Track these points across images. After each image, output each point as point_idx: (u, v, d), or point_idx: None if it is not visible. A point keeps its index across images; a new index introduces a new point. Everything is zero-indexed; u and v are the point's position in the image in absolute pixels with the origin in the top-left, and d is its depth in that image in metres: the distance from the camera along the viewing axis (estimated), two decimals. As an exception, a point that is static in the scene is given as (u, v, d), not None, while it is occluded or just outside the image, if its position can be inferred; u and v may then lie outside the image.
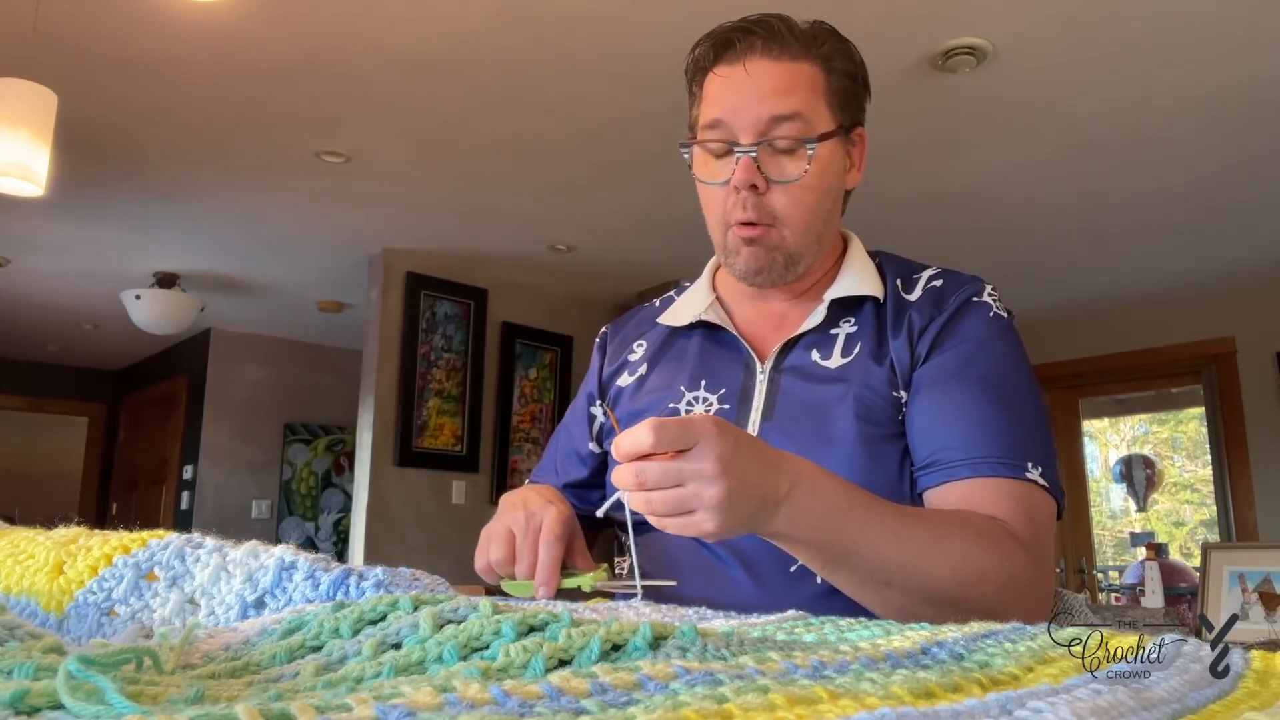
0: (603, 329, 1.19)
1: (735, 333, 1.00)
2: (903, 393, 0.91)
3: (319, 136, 3.11)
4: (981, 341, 0.91)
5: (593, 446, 1.10)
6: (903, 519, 0.77)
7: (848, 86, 0.95)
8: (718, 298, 1.05)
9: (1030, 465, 0.84)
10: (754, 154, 0.90)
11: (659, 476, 0.66)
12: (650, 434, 0.65)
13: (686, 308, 1.06)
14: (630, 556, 1.00)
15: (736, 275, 0.97)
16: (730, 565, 0.90)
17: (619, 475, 0.68)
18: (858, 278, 0.98)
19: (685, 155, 0.97)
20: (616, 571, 1.02)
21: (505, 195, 3.63)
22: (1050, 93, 2.72)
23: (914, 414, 0.90)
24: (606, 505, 0.91)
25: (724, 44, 0.93)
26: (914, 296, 0.96)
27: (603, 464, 1.10)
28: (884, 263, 1.01)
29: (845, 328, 0.96)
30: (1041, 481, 0.84)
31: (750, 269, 0.94)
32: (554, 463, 1.15)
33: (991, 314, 0.94)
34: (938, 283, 0.97)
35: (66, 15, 2.36)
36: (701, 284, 1.08)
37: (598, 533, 1.15)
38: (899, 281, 0.98)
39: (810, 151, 0.90)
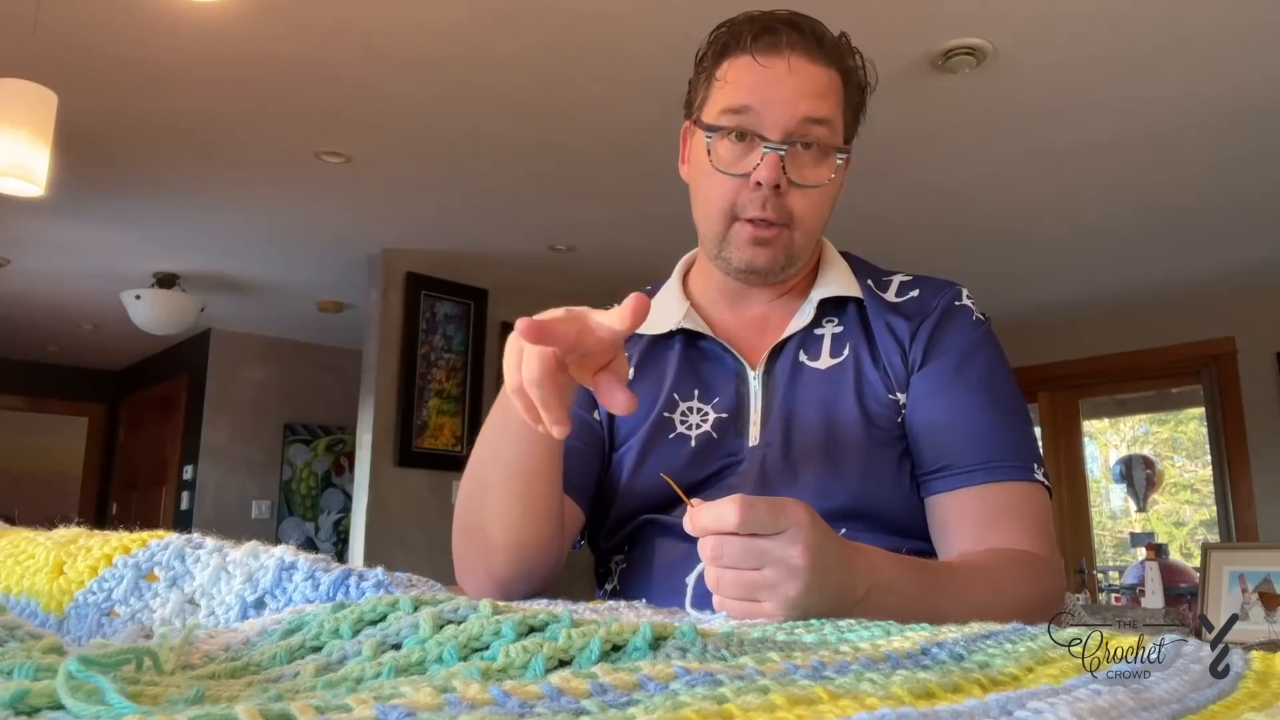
0: None
1: (718, 339, 0.97)
2: (898, 395, 0.92)
3: (319, 136, 3.11)
4: (971, 347, 0.94)
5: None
6: (964, 587, 0.77)
7: (859, 102, 0.96)
8: (691, 304, 1.01)
9: (1035, 466, 0.89)
10: (783, 152, 0.88)
11: (738, 555, 0.60)
12: (736, 514, 0.59)
13: (661, 315, 1.01)
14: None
15: (732, 268, 0.94)
16: None
17: (702, 544, 0.63)
18: (840, 278, 0.99)
19: (707, 139, 0.90)
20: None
21: (505, 195, 3.62)
22: (1050, 93, 2.72)
23: (919, 420, 0.91)
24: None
25: (767, 30, 0.90)
26: (890, 298, 0.98)
27: (577, 455, 1.03)
28: (853, 263, 1.02)
29: (830, 328, 0.97)
30: (1046, 481, 0.90)
31: (753, 266, 0.93)
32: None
33: (974, 318, 0.97)
34: (914, 291, 0.98)
35: (67, 15, 2.36)
36: (673, 289, 1.04)
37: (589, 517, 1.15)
38: (870, 282, 1.00)
39: (839, 161, 0.91)
